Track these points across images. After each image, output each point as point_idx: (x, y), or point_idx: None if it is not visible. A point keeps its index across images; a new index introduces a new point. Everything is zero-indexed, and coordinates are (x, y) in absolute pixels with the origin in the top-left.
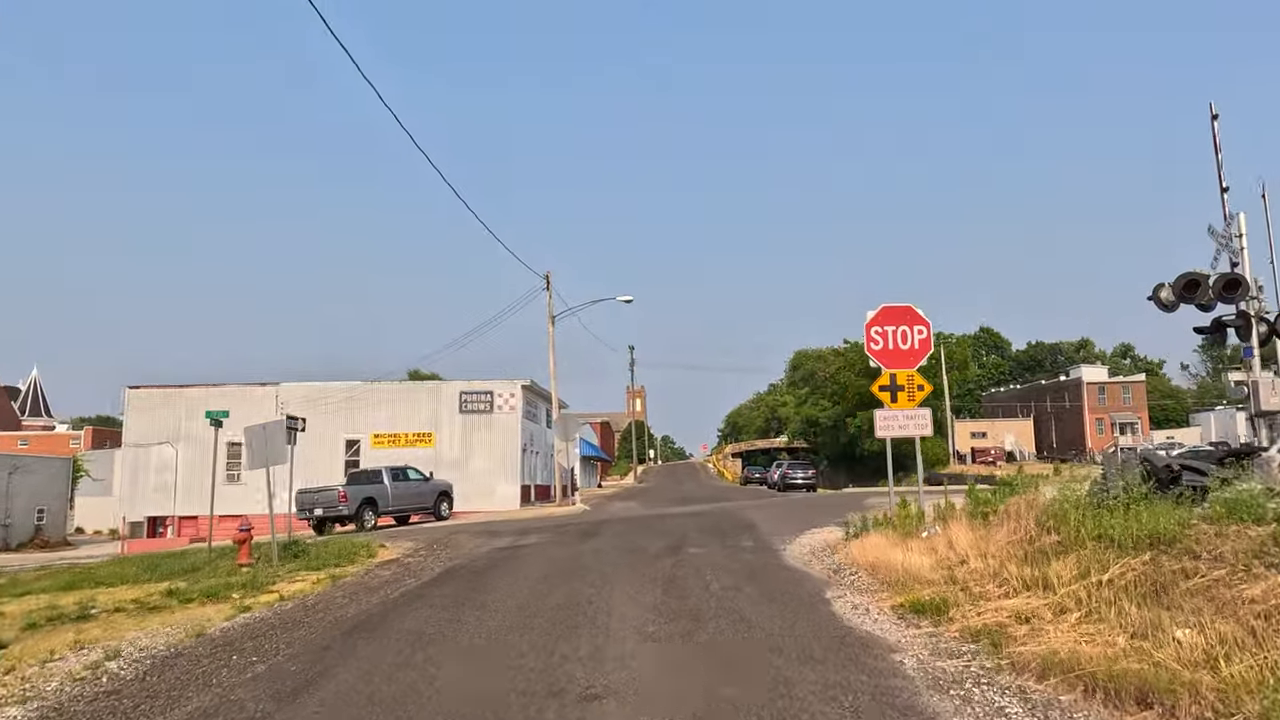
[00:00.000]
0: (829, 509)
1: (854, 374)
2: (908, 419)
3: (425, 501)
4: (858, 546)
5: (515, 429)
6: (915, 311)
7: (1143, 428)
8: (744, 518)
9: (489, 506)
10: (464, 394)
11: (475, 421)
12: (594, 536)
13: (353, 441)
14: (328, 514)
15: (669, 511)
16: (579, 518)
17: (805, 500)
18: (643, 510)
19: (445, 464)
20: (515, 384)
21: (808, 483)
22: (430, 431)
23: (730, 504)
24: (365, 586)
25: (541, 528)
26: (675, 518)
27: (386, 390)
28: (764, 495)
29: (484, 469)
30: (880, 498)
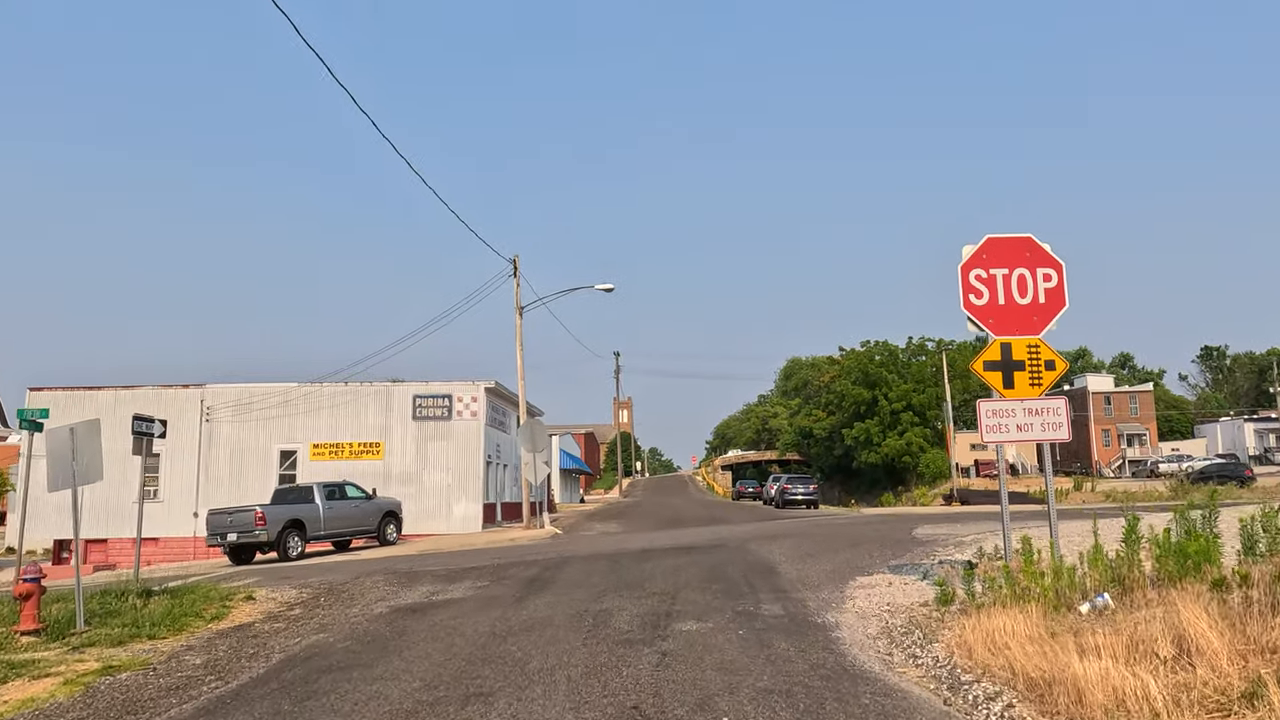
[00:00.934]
0: (860, 538)
1: (850, 383)
2: (1032, 416)
3: (367, 524)
4: (975, 629)
5: (477, 438)
6: (1040, 247)
7: (1151, 439)
8: (755, 554)
9: (445, 528)
10: (418, 398)
11: (431, 429)
12: (544, 588)
13: (288, 452)
14: (243, 540)
15: (655, 542)
16: (541, 548)
17: (821, 524)
18: (623, 538)
19: (396, 478)
20: (478, 386)
21: (809, 499)
22: (378, 441)
23: (730, 528)
24: (128, 703)
25: (485, 565)
26: (663, 555)
27: (328, 393)
28: (764, 514)
29: (440, 484)
30: (931, 525)
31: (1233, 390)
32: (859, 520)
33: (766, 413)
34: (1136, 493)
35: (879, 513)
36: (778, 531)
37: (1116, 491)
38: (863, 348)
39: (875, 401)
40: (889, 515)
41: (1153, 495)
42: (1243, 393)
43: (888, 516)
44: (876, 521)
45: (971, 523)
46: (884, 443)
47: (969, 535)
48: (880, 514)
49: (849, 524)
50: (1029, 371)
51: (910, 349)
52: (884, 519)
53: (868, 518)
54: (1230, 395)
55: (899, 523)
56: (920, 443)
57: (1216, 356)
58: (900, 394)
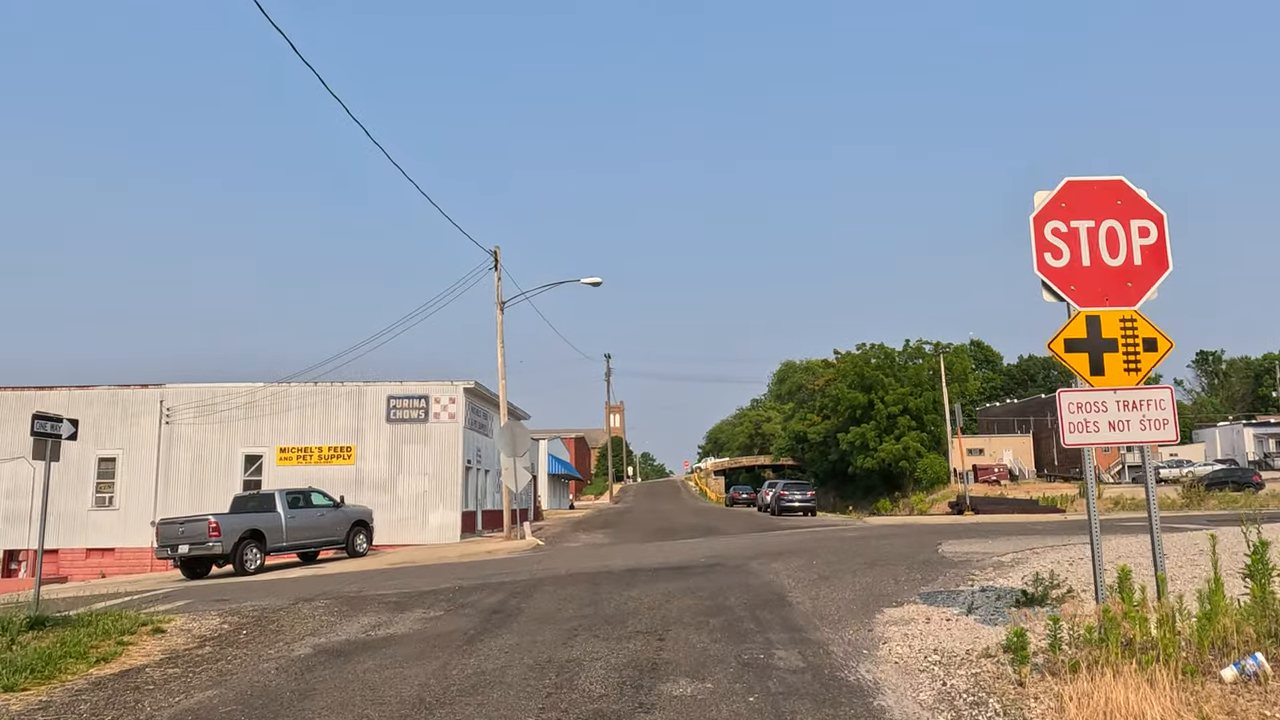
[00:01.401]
0: (878, 556)
1: (846, 386)
2: (1128, 410)
3: (334, 534)
4: (1081, 706)
5: (455, 442)
6: (1134, 193)
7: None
8: (759, 576)
9: (421, 538)
10: (393, 399)
11: (406, 432)
12: (506, 623)
13: (254, 457)
14: (196, 552)
15: (644, 559)
16: (517, 564)
17: (828, 537)
18: (609, 551)
19: (368, 485)
20: (456, 386)
21: (806, 506)
22: (350, 445)
23: (727, 541)
24: None
25: (446, 588)
26: (652, 576)
27: (296, 394)
28: (761, 523)
29: (416, 491)
30: (955, 541)
31: (1228, 395)
32: (869, 533)
33: (760, 417)
34: None
35: (886, 523)
36: (781, 547)
37: (1125, 498)
38: (858, 350)
39: (871, 405)
40: (899, 526)
41: (1165, 503)
42: (1238, 397)
43: (898, 528)
44: (890, 534)
45: (1001, 538)
46: (880, 447)
47: (1004, 554)
48: (888, 524)
49: (860, 538)
50: (1123, 353)
51: (907, 352)
52: (896, 531)
53: (878, 530)
54: (1226, 400)
55: (916, 536)
56: (917, 447)
57: (1212, 361)
58: (897, 397)
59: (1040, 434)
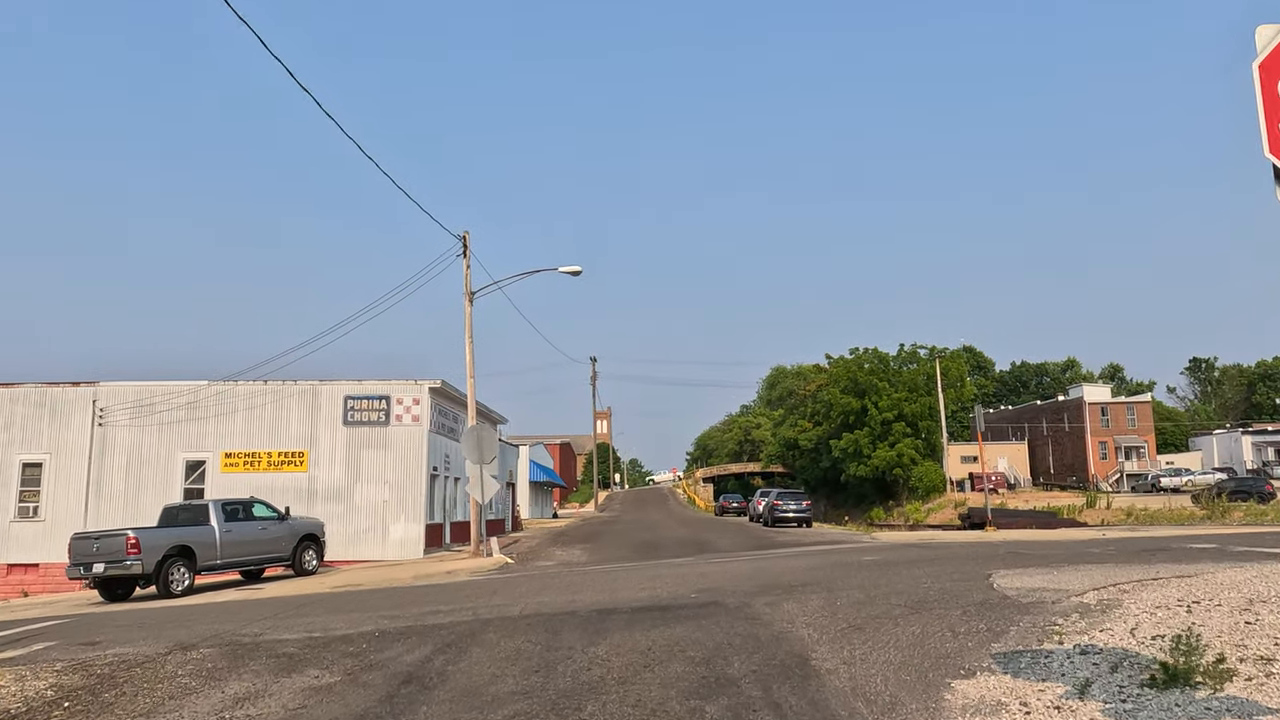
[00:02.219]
0: (918, 594)
1: (839, 391)
2: None
3: (279, 549)
4: None
5: (420, 447)
6: None
7: (1149, 452)
8: (769, 625)
9: (380, 553)
10: (350, 399)
11: (365, 436)
12: (412, 706)
13: (196, 463)
14: (113, 571)
15: (621, 592)
16: (469, 594)
17: (843, 562)
18: (582, 576)
19: (322, 494)
20: (421, 386)
21: (801, 517)
22: (302, 450)
23: (722, 563)
24: None
25: (364, 633)
26: (628, 623)
27: (244, 393)
28: (755, 536)
29: (375, 501)
30: (1008, 570)
31: (1221, 403)
32: (890, 556)
33: (749, 423)
34: (1162, 511)
35: (900, 540)
36: (789, 575)
37: (1137, 509)
38: (852, 355)
39: (865, 411)
40: (920, 546)
41: (1183, 515)
42: (1231, 405)
43: (921, 548)
44: (918, 559)
45: (1059, 566)
46: (874, 454)
47: (1082, 591)
48: (904, 542)
49: (882, 564)
50: None
51: (901, 356)
52: (923, 554)
53: (898, 551)
54: (1219, 408)
55: (954, 563)
56: (912, 454)
57: (1205, 369)
58: (891, 403)
59: (1036, 441)
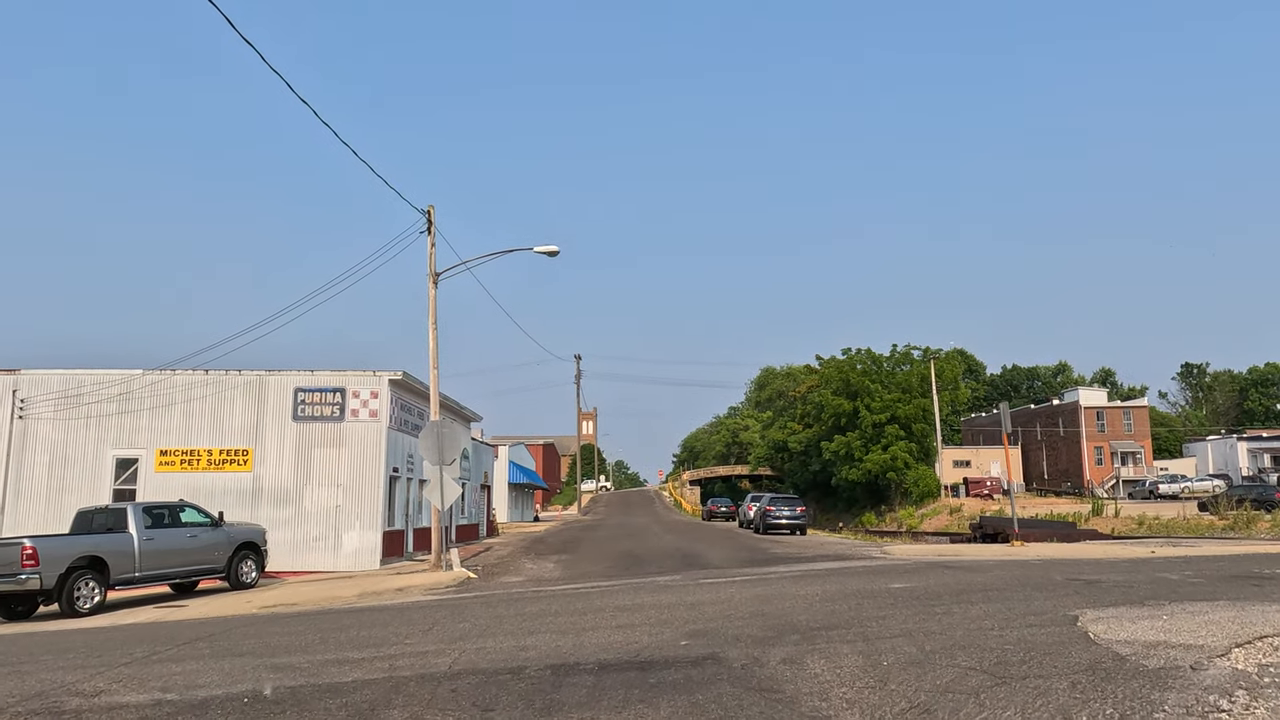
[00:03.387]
0: (985, 643)
1: (830, 393)
2: None
3: (211, 560)
4: None
5: (378, 445)
6: None
7: (1146, 458)
8: (795, 702)
9: (331, 563)
10: (301, 392)
11: (317, 433)
12: None
13: (128, 461)
14: (6, 587)
15: (586, 637)
16: (405, 627)
17: (870, 591)
18: (551, 591)
19: (268, 497)
20: (380, 378)
21: (794, 524)
22: (247, 448)
23: (715, 585)
24: None
25: (235, 695)
26: (590, 696)
27: (182, 384)
28: (747, 545)
29: (327, 506)
30: (1098, 612)
31: (1213, 409)
32: (923, 581)
33: (737, 425)
34: (1177, 522)
35: (915, 555)
36: (806, 614)
37: (1148, 518)
38: (844, 355)
39: (857, 413)
40: (946, 563)
41: (1201, 526)
42: (1222, 411)
43: (955, 568)
44: (962, 588)
45: (1166, 604)
46: (867, 458)
47: (1223, 645)
48: (923, 558)
49: (920, 594)
50: None
51: (895, 357)
52: (960, 578)
53: (926, 571)
54: (1211, 414)
55: (1010, 595)
56: (906, 458)
57: (1197, 374)
58: (884, 404)
59: (1030, 446)
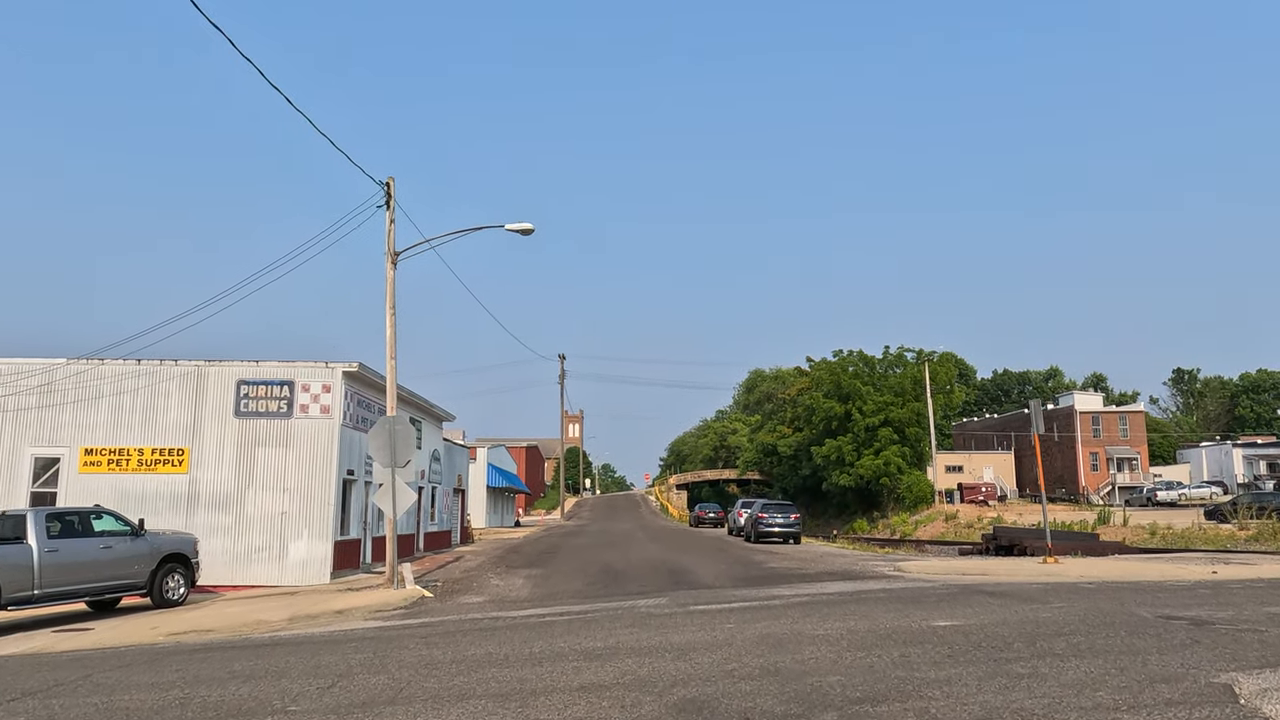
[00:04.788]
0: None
1: (822, 395)
2: None
3: (130, 574)
4: None
5: (330, 444)
6: None
7: (1142, 464)
8: None
9: (277, 575)
10: (244, 385)
11: (262, 431)
12: None
13: (48, 461)
14: None
15: (528, 716)
16: (305, 677)
17: (903, 625)
18: (510, 621)
19: (207, 502)
20: (333, 370)
21: (787, 532)
22: (183, 447)
23: (709, 615)
24: None
25: None
26: None
27: (111, 375)
28: (740, 555)
29: (272, 512)
30: (1259, 682)
31: (1203, 415)
32: (974, 618)
33: (725, 429)
34: (1193, 532)
35: (938, 575)
36: (835, 671)
37: (1160, 527)
38: (835, 357)
39: (849, 416)
40: (983, 589)
41: (1220, 537)
42: (1213, 418)
43: (994, 595)
44: (1032, 630)
45: None
46: (859, 462)
47: None
48: (949, 579)
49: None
50: None
51: (887, 359)
52: (1021, 614)
53: (969, 602)
54: (1201, 420)
55: (1108, 643)
56: (899, 463)
57: (1188, 380)
58: (876, 407)
59: (1023, 451)
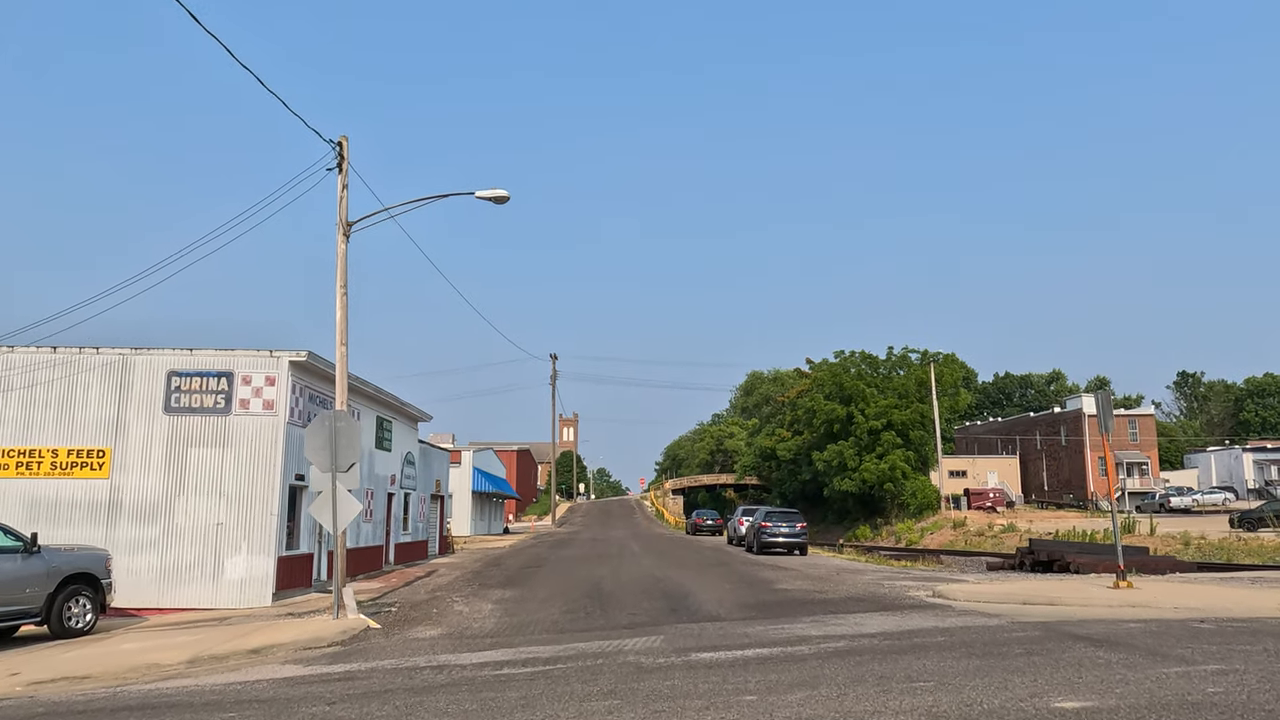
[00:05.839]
0: None
1: (823, 397)
2: None
3: (20, 599)
4: None
5: (274, 445)
6: None
7: (1152, 469)
8: None
9: (211, 596)
10: (176, 376)
11: (196, 429)
12: None
13: None
14: None
15: None
16: None
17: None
18: (461, 673)
19: (131, 511)
20: (278, 359)
21: (793, 543)
22: (104, 448)
23: (714, 653)
24: None
25: None
26: None
27: (20, 364)
28: (748, 576)
29: (206, 523)
30: None
31: (1208, 419)
32: (1125, 697)
33: (721, 433)
34: (1233, 543)
35: (997, 605)
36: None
37: (1192, 537)
38: (836, 358)
39: (851, 419)
40: (1077, 634)
41: (1268, 548)
42: (1218, 422)
43: (1115, 646)
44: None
45: None
46: (862, 467)
47: None
48: (1022, 615)
49: None
50: None
51: (891, 360)
52: (1181, 691)
53: (1064, 651)
54: (1205, 424)
55: None
56: (905, 467)
57: (1191, 383)
58: (879, 410)
59: (1028, 456)
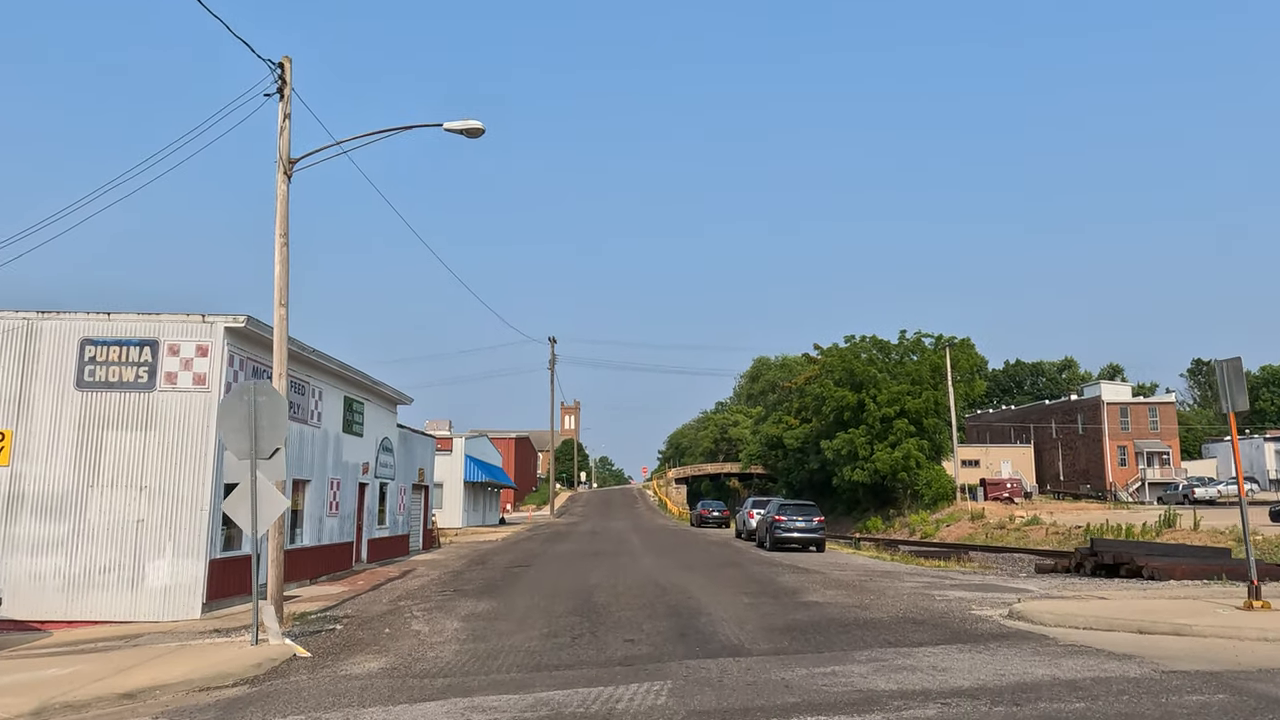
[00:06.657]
0: None
1: (833, 383)
2: None
3: None
4: None
5: (206, 427)
6: None
7: (1174, 459)
8: None
9: (129, 608)
10: (90, 345)
11: (113, 408)
12: None
13: None
14: None
15: None
16: None
17: None
18: None
19: (34, 505)
20: (212, 324)
21: (809, 538)
22: (3, 430)
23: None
24: None
25: None
26: None
27: None
28: (765, 580)
29: (125, 520)
30: None
31: (1220, 409)
32: None
33: (726, 420)
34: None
35: (1103, 630)
36: None
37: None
38: (847, 343)
39: (862, 406)
40: None
41: None
42: None
43: None
44: None
45: None
46: (874, 456)
47: None
48: (1169, 663)
49: None
50: None
51: (903, 345)
52: None
53: None
54: (1219, 413)
55: None
56: (919, 456)
57: (1206, 371)
58: (891, 396)
59: (1043, 445)
